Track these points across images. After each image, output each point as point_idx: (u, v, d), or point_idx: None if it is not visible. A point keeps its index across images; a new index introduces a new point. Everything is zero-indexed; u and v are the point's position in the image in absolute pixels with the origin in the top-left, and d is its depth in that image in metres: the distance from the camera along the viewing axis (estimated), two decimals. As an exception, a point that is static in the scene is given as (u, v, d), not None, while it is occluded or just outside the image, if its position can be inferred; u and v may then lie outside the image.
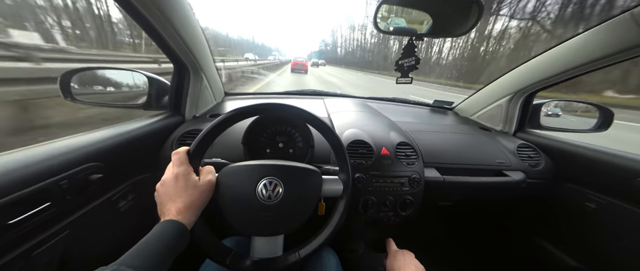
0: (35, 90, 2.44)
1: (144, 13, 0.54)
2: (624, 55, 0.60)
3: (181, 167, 0.40)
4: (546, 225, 0.90)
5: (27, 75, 2.48)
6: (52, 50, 5.16)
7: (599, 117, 0.90)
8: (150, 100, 0.78)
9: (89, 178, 0.48)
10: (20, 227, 0.37)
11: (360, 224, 0.69)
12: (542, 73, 0.83)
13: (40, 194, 0.40)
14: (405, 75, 0.69)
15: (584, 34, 0.68)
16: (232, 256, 0.44)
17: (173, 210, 0.37)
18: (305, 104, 1.14)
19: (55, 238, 0.43)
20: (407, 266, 0.53)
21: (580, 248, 0.79)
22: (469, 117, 1.18)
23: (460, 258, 1.17)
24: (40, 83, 2.48)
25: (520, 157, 0.83)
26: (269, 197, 0.43)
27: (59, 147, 0.46)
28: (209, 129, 0.43)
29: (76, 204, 0.47)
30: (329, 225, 0.49)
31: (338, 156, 0.52)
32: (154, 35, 0.63)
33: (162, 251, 0.32)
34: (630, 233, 0.65)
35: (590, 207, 0.73)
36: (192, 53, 0.73)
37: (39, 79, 2.49)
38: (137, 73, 0.77)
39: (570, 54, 0.73)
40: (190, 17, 0.69)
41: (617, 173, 0.67)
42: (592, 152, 0.75)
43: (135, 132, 0.64)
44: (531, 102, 0.97)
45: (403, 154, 0.70)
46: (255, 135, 0.71)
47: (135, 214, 0.64)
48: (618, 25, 0.59)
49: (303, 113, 0.49)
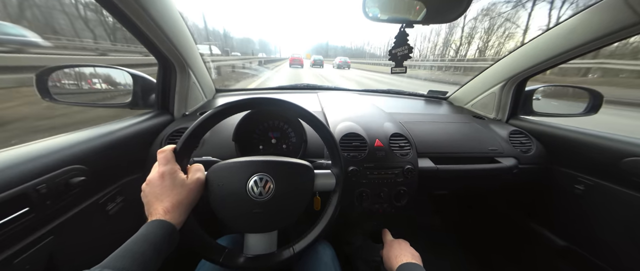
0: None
1: (122, 7, 0.51)
2: (615, 36, 0.60)
3: (167, 165, 0.39)
4: (538, 209, 0.92)
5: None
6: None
7: (588, 101, 0.91)
8: (136, 99, 0.75)
9: (70, 182, 0.46)
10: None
11: (355, 216, 0.69)
12: (533, 59, 0.83)
13: (16, 200, 0.38)
14: (400, 65, 0.68)
15: (575, 17, 0.68)
16: (226, 254, 0.43)
17: (160, 210, 0.36)
18: (299, 99, 1.12)
19: (38, 244, 0.42)
20: (403, 254, 0.54)
21: (569, 230, 0.81)
22: (463, 106, 1.19)
23: (455, 245, 1.20)
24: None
25: (512, 143, 0.84)
26: (260, 193, 0.43)
27: (36, 150, 0.44)
28: (195, 126, 0.42)
29: (58, 209, 0.45)
30: (322, 219, 0.49)
31: (330, 150, 0.51)
32: (134, 30, 0.60)
33: (148, 251, 0.31)
34: (617, 213, 0.67)
35: (580, 189, 0.75)
36: (176, 48, 0.70)
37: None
38: (121, 70, 0.74)
39: (561, 38, 0.73)
40: (172, 10, 0.66)
41: (605, 155, 0.68)
42: (580, 135, 0.76)
43: (121, 132, 0.62)
44: (523, 88, 0.97)
45: (397, 145, 0.70)
46: (247, 132, 0.70)
47: (125, 216, 0.62)
48: (609, 6, 0.58)
49: (294, 107, 0.47)
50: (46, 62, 3.64)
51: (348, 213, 0.68)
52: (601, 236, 0.71)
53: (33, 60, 3.82)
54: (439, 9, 0.57)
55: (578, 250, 0.77)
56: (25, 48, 4.60)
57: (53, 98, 0.62)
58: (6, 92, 3.41)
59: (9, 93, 3.35)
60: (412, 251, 0.56)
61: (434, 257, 0.63)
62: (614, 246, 0.68)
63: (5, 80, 3.58)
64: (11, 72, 3.69)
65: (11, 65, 3.82)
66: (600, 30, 0.62)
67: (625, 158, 0.63)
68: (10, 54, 4.17)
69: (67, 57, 3.29)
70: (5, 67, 3.78)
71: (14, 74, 3.66)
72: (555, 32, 0.75)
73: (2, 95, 3.32)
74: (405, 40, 0.65)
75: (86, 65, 0.72)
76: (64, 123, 2.30)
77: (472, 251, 1.15)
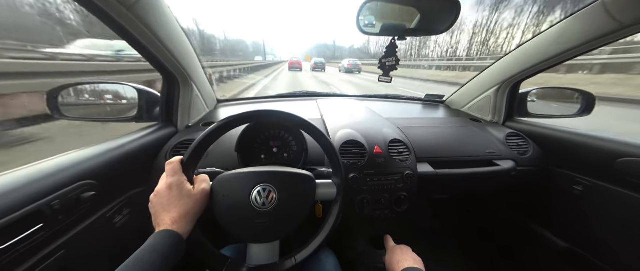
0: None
1: (126, 27, 0.54)
2: (597, 42, 0.63)
3: (175, 176, 0.40)
4: (538, 211, 0.92)
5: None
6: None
7: (581, 102, 0.93)
8: (141, 113, 0.78)
9: (81, 197, 0.48)
10: (13, 251, 0.37)
11: (357, 222, 0.70)
12: (525, 63, 0.85)
13: (31, 216, 0.39)
14: (386, 74, 0.71)
15: (562, 23, 0.71)
16: (229, 265, 0.44)
17: (168, 220, 0.37)
18: (298, 106, 1.14)
19: (50, 259, 0.43)
20: (405, 259, 0.55)
21: (569, 231, 0.81)
22: (459, 109, 1.21)
23: (456, 249, 1.20)
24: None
25: (509, 145, 0.85)
26: (263, 203, 0.44)
27: (49, 167, 0.46)
28: (201, 138, 0.44)
29: (69, 223, 0.47)
30: (324, 229, 0.50)
31: (331, 160, 0.52)
32: (140, 49, 0.62)
33: (157, 261, 0.32)
34: (615, 213, 0.68)
35: (578, 190, 0.76)
36: (179, 63, 0.73)
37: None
38: (126, 86, 0.77)
39: (549, 43, 0.76)
40: (175, 26, 0.69)
41: (600, 156, 0.69)
42: (576, 137, 0.77)
43: (128, 146, 0.64)
44: (518, 91, 0.99)
45: (396, 151, 0.72)
46: (248, 142, 0.71)
47: (132, 228, 0.64)
48: (591, 14, 0.61)
49: (294, 119, 0.49)
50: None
51: (349, 219, 0.69)
52: (601, 236, 0.72)
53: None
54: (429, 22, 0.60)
55: (579, 252, 0.77)
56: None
57: (62, 115, 0.64)
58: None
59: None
60: (415, 256, 0.57)
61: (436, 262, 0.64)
62: (614, 247, 0.68)
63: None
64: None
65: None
66: (585, 36, 0.64)
67: (619, 159, 0.64)
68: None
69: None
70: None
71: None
72: (544, 37, 0.77)
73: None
74: (394, 52, 0.68)
75: (93, 82, 0.75)
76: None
77: (474, 255, 1.14)
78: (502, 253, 1.06)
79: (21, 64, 2.91)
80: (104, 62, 4.84)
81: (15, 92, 2.55)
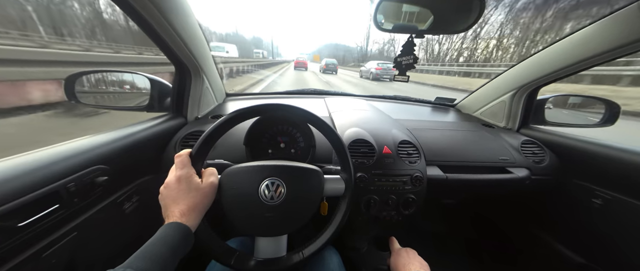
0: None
1: (144, 15, 0.55)
2: (630, 48, 0.59)
3: (183, 169, 0.40)
4: (552, 222, 0.89)
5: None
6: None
7: (605, 112, 0.89)
8: (153, 102, 0.79)
9: (95, 181, 0.49)
10: (30, 229, 0.38)
11: (361, 221, 0.69)
12: (546, 68, 0.82)
13: (49, 197, 0.40)
14: (403, 73, 0.68)
15: (590, 27, 0.67)
16: (237, 257, 0.44)
17: (177, 213, 0.37)
18: (307, 104, 1.14)
19: (64, 240, 0.44)
20: (411, 263, 0.54)
21: (588, 246, 0.78)
22: (471, 114, 1.17)
23: (464, 255, 1.17)
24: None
25: (524, 153, 0.82)
26: (271, 197, 0.44)
27: (66, 150, 0.47)
28: (210, 131, 0.44)
29: (83, 206, 0.48)
30: (332, 224, 0.49)
31: (340, 155, 0.52)
32: (155, 37, 0.63)
33: (166, 253, 0.32)
34: (638, 229, 0.64)
35: (597, 203, 0.72)
36: (192, 54, 0.73)
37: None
38: (139, 75, 0.78)
39: (575, 47, 0.72)
40: (191, 18, 0.69)
41: (624, 169, 0.66)
42: (598, 147, 0.74)
43: (139, 135, 0.65)
44: (535, 97, 0.95)
45: (405, 153, 0.70)
46: (257, 136, 0.71)
47: (139, 215, 0.65)
48: (624, 18, 0.58)
49: (304, 113, 0.49)
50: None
51: (354, 218, 0.68)
52: (620, 254, 0.68)
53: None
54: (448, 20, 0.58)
55: (596, 268, 0.74)
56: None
57: (78, 101, 0.66)
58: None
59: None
60: (420, 260, 0.56)
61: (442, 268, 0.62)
62: (634, 265, 0.65)
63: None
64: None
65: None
66: (616, 40, 0.61)
67: None
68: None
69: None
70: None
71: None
72: (569, 41, 0.74)
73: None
74: (412, 50, 0.66)
75: (109, 70, 0.76)
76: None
77: (481, 263, 1.11)
78: (512, 265, 1.03)
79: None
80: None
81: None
